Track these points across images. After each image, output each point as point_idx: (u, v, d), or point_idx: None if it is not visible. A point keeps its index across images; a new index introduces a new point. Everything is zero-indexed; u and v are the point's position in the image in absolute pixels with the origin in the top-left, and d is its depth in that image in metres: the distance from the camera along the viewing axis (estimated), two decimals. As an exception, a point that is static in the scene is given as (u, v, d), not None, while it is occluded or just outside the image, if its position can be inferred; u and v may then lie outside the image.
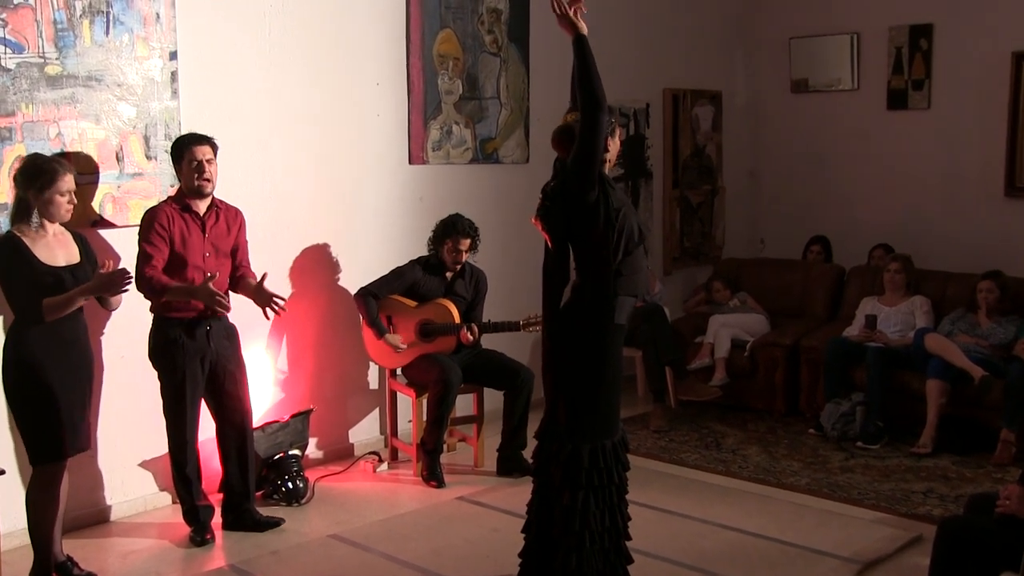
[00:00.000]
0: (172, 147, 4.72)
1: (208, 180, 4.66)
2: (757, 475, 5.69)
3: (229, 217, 4.81)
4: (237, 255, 4.85)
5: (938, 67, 7.52)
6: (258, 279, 4.78)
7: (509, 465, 5.69)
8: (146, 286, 4.53)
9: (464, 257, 5.76)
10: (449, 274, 5.79)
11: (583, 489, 3.82)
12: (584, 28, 3.74)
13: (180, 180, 4.72)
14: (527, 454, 5.68)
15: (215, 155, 4.69)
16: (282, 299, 4.74)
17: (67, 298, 4.04)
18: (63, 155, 4.53)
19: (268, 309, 4.74)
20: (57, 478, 4.16)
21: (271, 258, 5.32)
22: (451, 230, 5.73)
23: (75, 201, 4.16)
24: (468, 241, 5.74)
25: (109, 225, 4.86)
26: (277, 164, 5.54)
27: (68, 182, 4.09)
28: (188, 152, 4.62)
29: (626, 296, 3.87)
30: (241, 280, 4.88)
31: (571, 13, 3.73)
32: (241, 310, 4.94)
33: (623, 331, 3.93)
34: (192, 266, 4.64)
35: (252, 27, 5.37)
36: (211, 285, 4.48)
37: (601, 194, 3.78)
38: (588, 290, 3.84)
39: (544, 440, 3.97)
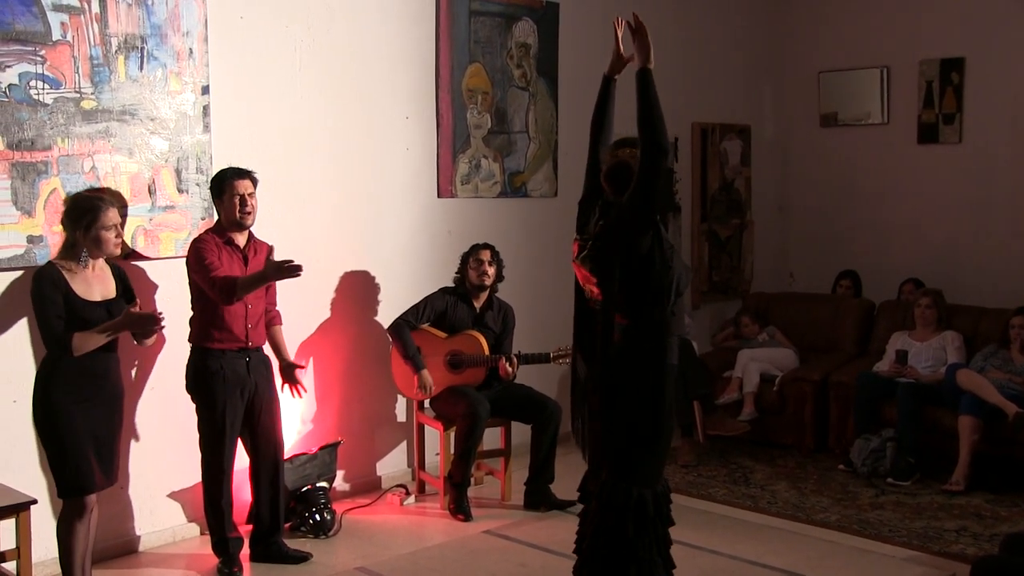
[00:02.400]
0: (212, 181, 4.77)
1: (249, 213, 4.71)
2: (786, 511, 5.63)
3: (262, 252, 4.84)
4: (269, 292, 4.89)
5: (969, 101, 7.49)
6: (288, 353, 5.06)
7: (536, 499, 5.67)
8: (220, 288, 4.53)
9: (488, 269, 5.74)
10: (478, 304, 5.80)
11: (649, 535, 3.73)
12: (652, 60, 3.65)
13: (220, 214, 4.75)
14: (555, 488, 5.68)
15: (255, 188, 4.74)
16: (304, 389, 5.09)
17: (95, 333, 4.08)
18: (100, 189, 4.62)
19: (289, 387, 5.02)
20: (85, 511, 4.17)
21: (300, 291, 5.35)
22: (471, 250, 5.80)
23: (122, 234, 4.22)
24: (488, 252, 5.75)
25: (141, 257, 4.91)
26: (306, 197, 5.58)
27: (112, 216, 4.14)
28: (230, 186, 4.66)
29: (676, 336, 3.80)
30: (270, 325, 4.96)
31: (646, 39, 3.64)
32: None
33: (676, 371, 3.83)
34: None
35: (283, 62, 5.44)
36: (272, 258, 4.58)
37: (655, 235, 3.69)
38: (642, 332, 3.71)
39: (610, 494, 3.74)
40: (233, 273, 4.64)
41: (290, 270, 4.50)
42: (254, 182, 4.74)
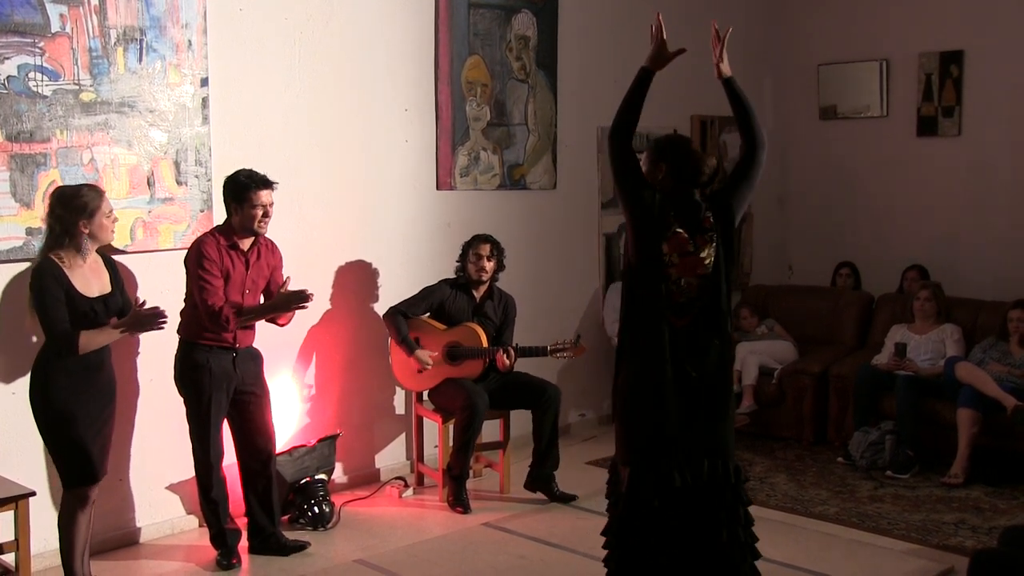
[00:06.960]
0: (233, 184, 4.65)
1: (267, 223, 4.70)
2: (785, 504, 5.64)
3: (267, 253, 4.82)
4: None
5: (969, 94, 7.48)
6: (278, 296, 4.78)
7: (538, 485, 5.66)
8: (216, 319, 4.55)
9: (486, 264, 5.72)
10: (478, 294, 5.80)
11: None
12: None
13: (232, 216, 4.68)
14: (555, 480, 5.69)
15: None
16: (304, 292, 4.65)
17: (102, 334, 4.08)
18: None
19: (301, 306, 4.70)
20: (88, 502, 4.19)
21: (299, 283, 5.32)
22: (471, 241, 5.79)
23: (117, 219, 4.25)
24: (488, 246, 5.74)
25: (138, 251, 4.90)
26: (305, 189, 5.57)
27: (110, 203, 4.18)
28: (254, 196, 4.61)
29: None
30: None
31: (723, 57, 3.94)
32: (267, 334, 4.98)
33: None
34: (231, 302, 4.64)
35: (282, 54, 5.43)
36: (283, 291, 4.66)
37: None
38: (729, 324, 3.84)
39: (738, 476, 3.88)
40: (234, 278, 4.64)
41: (300, 300, 4.57)
42: (273, 190, 4.72)
